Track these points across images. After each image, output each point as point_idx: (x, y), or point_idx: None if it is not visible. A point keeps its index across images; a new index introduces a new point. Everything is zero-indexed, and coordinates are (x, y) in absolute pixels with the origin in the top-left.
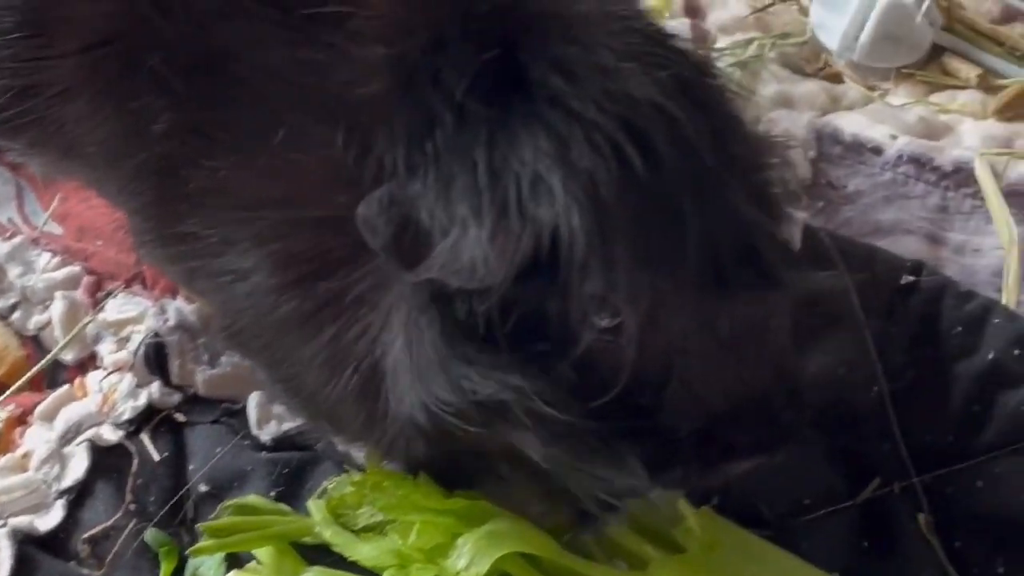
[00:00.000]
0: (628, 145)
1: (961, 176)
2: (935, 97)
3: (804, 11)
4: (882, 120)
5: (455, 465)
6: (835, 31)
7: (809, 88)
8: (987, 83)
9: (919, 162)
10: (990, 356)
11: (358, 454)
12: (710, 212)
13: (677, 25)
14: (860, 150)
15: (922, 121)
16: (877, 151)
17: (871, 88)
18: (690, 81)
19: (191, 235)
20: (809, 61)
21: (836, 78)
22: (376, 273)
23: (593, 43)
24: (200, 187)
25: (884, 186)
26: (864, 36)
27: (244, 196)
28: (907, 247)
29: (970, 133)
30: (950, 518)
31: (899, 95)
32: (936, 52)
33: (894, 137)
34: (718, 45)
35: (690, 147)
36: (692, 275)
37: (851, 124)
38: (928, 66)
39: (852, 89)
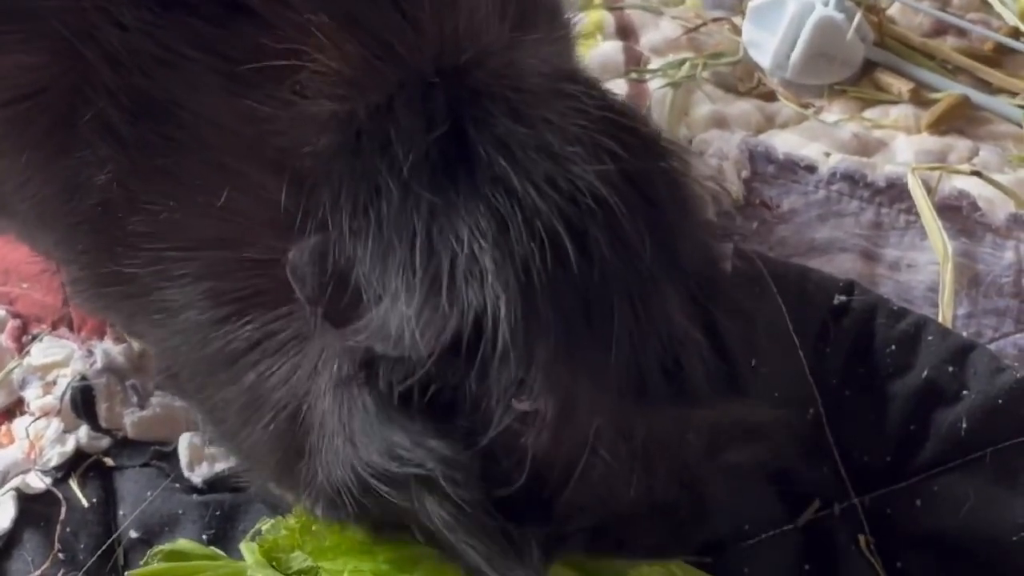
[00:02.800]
0: (566, 237)
1: (895, 192)
2: (868, 113)
3: (736, 31)
4: (816, 137)
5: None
6: (767, 50)
7: (743, 107)
8: (919, 97)
9: (852, 179)
10: (924, 374)
11: (291, 496)
12: (640, 320)
13: (609, 48)
14: (794, 168)
15: (856, 137)
16: (811, 169)
17: (805, 106)
18: (637, 172)
19: (128, 276)
20: (742, 80)
21: (770, 97)
22: (304, 322)
23: (540, 122)
24: (138, 229)
25: (818, 204)
26: (796, 54)
27: (182, 236)
28: (842, 265)
29: (903, 148)
30: (891, 538)
31: (833, 112)
32: (868, 68)
33: (828, 154)
34: (651, 66)
35: (628, 248)
36: (613, 380)
37: (784, 142)
38: (861, 82)
39: (786, 107)
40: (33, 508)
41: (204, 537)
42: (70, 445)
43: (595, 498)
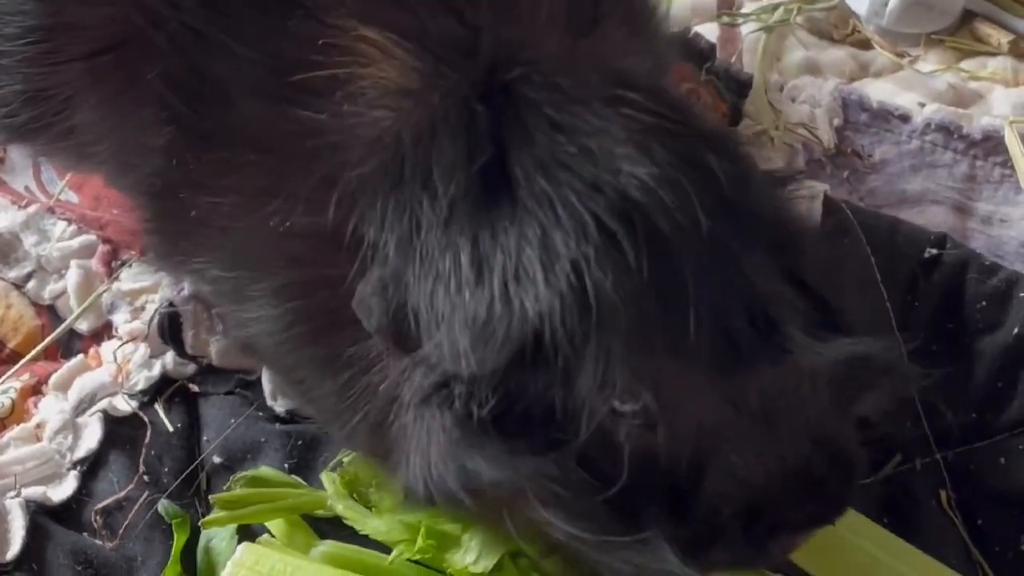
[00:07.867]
0: (619, 230)
1: (990, 144)
2: (965, 64)
3: None
4: (911, 87)
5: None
6: None
7: (837, 55)
8: (1019, 49)
9: (947, 130)
10: (1015, 331)
11: None
12: (717, 288)
13: None
14: (887, 118)
15: (951, 88)
16: (904, 119)
17: (900, 55)
18: (691, 152)
19: (197, 267)
20: (837, 27)
21: (864, 44)
22: None
23: (583, 128)
24: (202, 219)
25: (911, 155)
26: (893, 1)
27: (250, 250)
28: (934, 217)
29: (1000, 100)
30: (972, 495)
31: (928, 62)
32: (967, 17)
33: (922, 105)
34: (744, 10)
35: (690, 224)
36: (703, 355)
37: (878, 91)
38: (958, 32)
39: (880, 56)
40: (119, 430)
41: (285, 466)
42: (156, 370)
43: (730, 480)
